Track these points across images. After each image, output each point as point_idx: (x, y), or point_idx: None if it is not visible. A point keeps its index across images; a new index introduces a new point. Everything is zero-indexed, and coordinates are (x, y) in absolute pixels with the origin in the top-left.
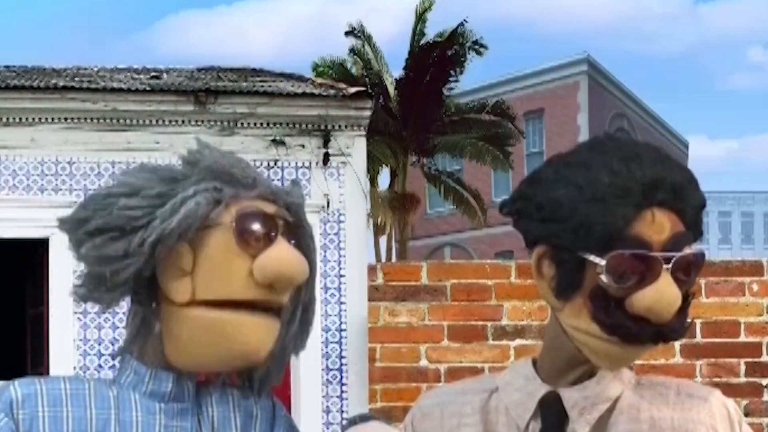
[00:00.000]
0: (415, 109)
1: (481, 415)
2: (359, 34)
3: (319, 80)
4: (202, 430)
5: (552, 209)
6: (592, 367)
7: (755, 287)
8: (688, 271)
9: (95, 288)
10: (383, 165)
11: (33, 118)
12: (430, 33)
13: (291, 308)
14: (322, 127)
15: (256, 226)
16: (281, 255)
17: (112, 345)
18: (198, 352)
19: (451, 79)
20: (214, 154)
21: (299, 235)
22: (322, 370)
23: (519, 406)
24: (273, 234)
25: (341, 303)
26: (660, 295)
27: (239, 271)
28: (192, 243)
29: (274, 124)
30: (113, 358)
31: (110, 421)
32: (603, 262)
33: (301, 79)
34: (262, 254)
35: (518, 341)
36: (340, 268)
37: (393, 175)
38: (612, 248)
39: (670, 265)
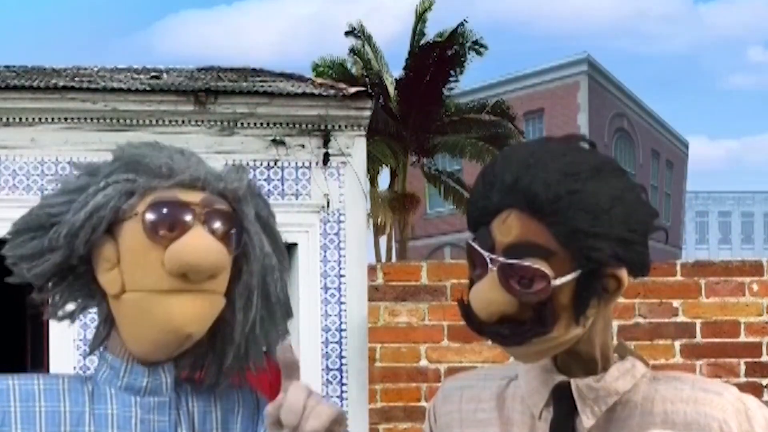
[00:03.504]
0: (415, 109)
1: (497, 401)
2: (359, 34)
3: (319, 80)
4: (181, 424)
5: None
6: (607, 362)
7: (755, 287)
8: (523, 282)
9: (41, 290)
10: (383, 165)
11: (33, 118)
12: (430, 33)
13: (245, 293)
14: (322, 127)
15: (165, 216)
16: (189, 244)
17: None
18: (138, 337)
19: (451, 79)
20: (137, 147)
21: (236, 220)
22: (322, 370)
23: (534, 395)
24: (187, 223)
25: (341, 303)
26: (476, 291)
27: (152, 262)
28: (114, 235)
29: (274, 124)
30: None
31: (84, 415)
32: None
33: (301, 79)
34: (173, 244)
35: None
36: (340, 268)
37: (393, 175)
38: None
39: (495, 268)
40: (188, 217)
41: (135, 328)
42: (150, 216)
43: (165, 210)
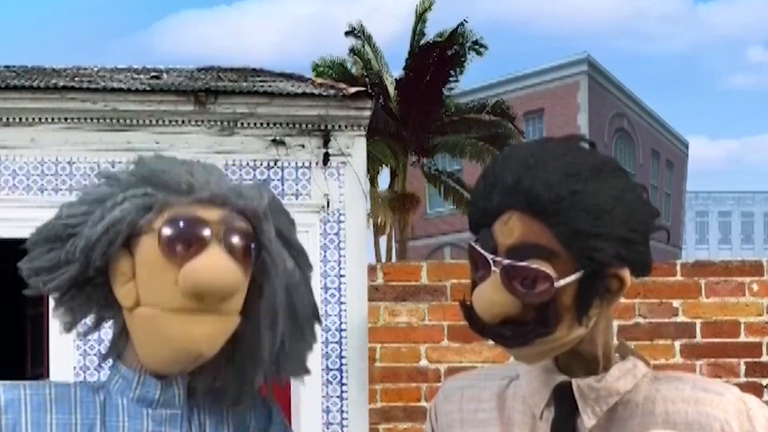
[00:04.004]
0: (415, 109)
1: (498, 401)
2: (359, 34)
3: (319, 80)
4: None
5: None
6: (608, 361)
7: (755, 287)
8: (526, 284)
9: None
10: (383, 165)
11: (33, 118)
12: (430, 33)
13: (270, 312)
14: (322, 127)
15: (181, 233)
16: (204, 265)
17: None
18: (151, 353)
19: (451, 79)
20: (158, 161)
21: (255, 238)
22: (322, 370)
23: (535, 395)
24: (203, 241)
25: (341, 303)
26: (478, 293)
27: (167, 279)
28: (131, 249)
29: (274, 124)
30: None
31: (95, 426)
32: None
33: (301, 79)
34: (187, 263)
35: None
36: (340, 268)
37: (393, 175)
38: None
39: (498, 270)
40: (206, 235)
41: (147, 343)
42: (166, 232)
43: (182, 226)
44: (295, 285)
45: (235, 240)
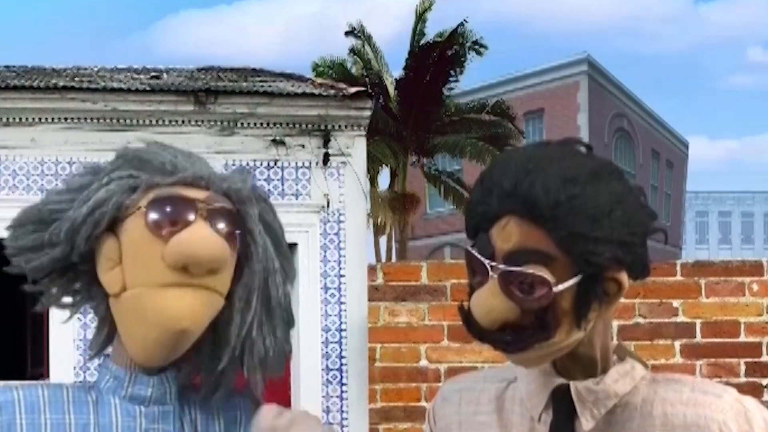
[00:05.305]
0: (415, 109)
1: (497, 404)
2: (359, 34)
3: (319, 80)
4: None
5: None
6: (606, 364)
7: (755, 287)
8: (524, 289)
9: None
10: (383, 165)
11: (33, 118)
12: (430, 33)
13: (244, 295)
14: (322, 127)
15: (167, 211)
16: (190, 237)
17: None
18: (134, 337)
19: (451, 79)
20: (140, 147)
21: (239, 221)
22: (322, 370)
23: (533, 397)
24: (189, 218)
25: (341, 303)
26: (476, 299)
27: (153, 256)
28: (117, 232)
29: (274, 124)
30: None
31: (89, 426)
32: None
33: (301, 79)
34: (173, 237)
35: None
36: (340, 268)
37: (393, 175)
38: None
39: (496, 275)
40: (191, 213)
41: (132, 326)
42: (152, 211)
43: (168, 205)
44: (272, 271)
45: (221, 221)
